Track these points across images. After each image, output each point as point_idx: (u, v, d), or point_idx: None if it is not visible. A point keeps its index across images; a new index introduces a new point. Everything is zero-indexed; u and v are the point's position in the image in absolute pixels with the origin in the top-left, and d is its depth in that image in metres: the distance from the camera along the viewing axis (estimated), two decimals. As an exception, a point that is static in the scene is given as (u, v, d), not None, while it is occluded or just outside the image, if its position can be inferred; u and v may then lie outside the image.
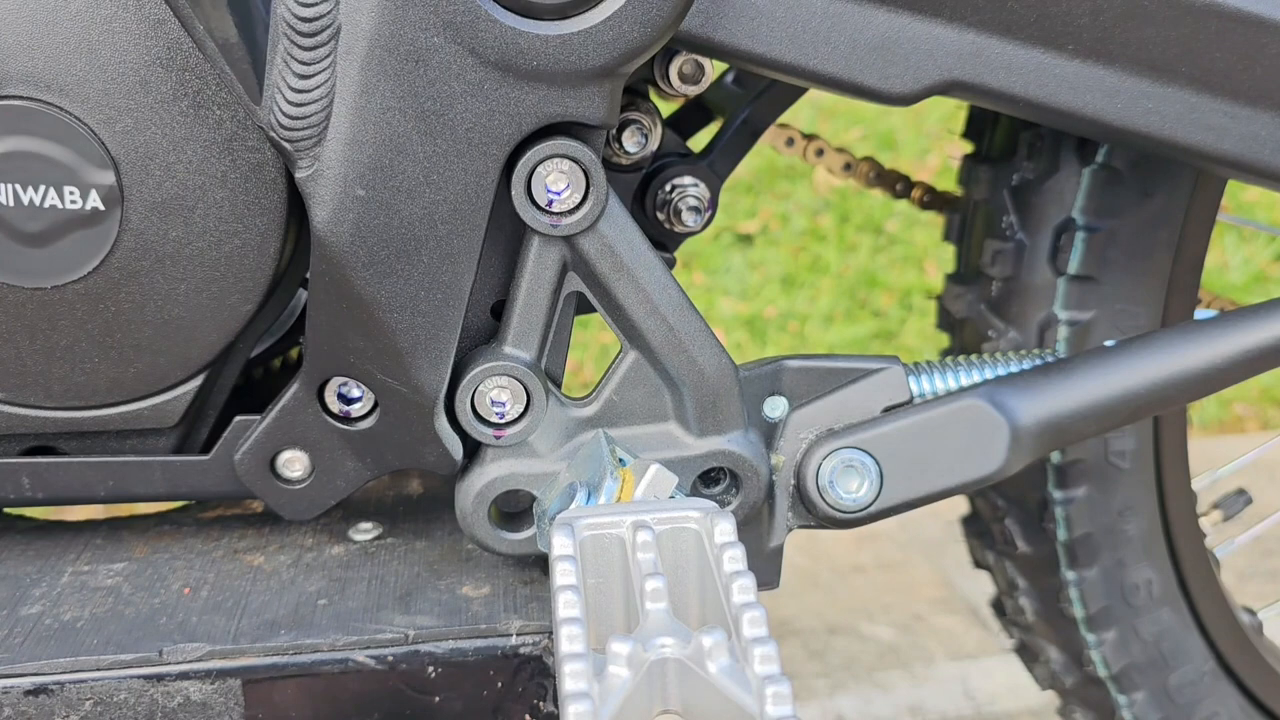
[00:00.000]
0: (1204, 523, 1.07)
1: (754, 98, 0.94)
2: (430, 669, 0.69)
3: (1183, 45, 0.73)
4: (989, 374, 0.81)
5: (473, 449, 0.73)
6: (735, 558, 0.55)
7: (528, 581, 0.75)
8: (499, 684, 0.70)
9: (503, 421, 0.71)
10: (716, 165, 0.92)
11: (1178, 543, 1.03)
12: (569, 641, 0.50)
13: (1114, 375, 0.79)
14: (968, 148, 1.03)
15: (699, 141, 0.97)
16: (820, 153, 1.10)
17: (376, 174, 0.64)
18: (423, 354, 0.69)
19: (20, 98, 0.66)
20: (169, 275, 0.70)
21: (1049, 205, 0.93)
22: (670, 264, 0.87)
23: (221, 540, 0.80)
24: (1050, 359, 0.83)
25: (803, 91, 0.91)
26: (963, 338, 1.03)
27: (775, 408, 0.77)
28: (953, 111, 2.90)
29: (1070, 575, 1.01)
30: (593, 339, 2.33)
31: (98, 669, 0.67)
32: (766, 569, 0.78)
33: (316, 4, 0.61)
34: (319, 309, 0.69)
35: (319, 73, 0.62)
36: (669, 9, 0.62)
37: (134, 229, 0.68)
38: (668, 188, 0.87)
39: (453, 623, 0.71)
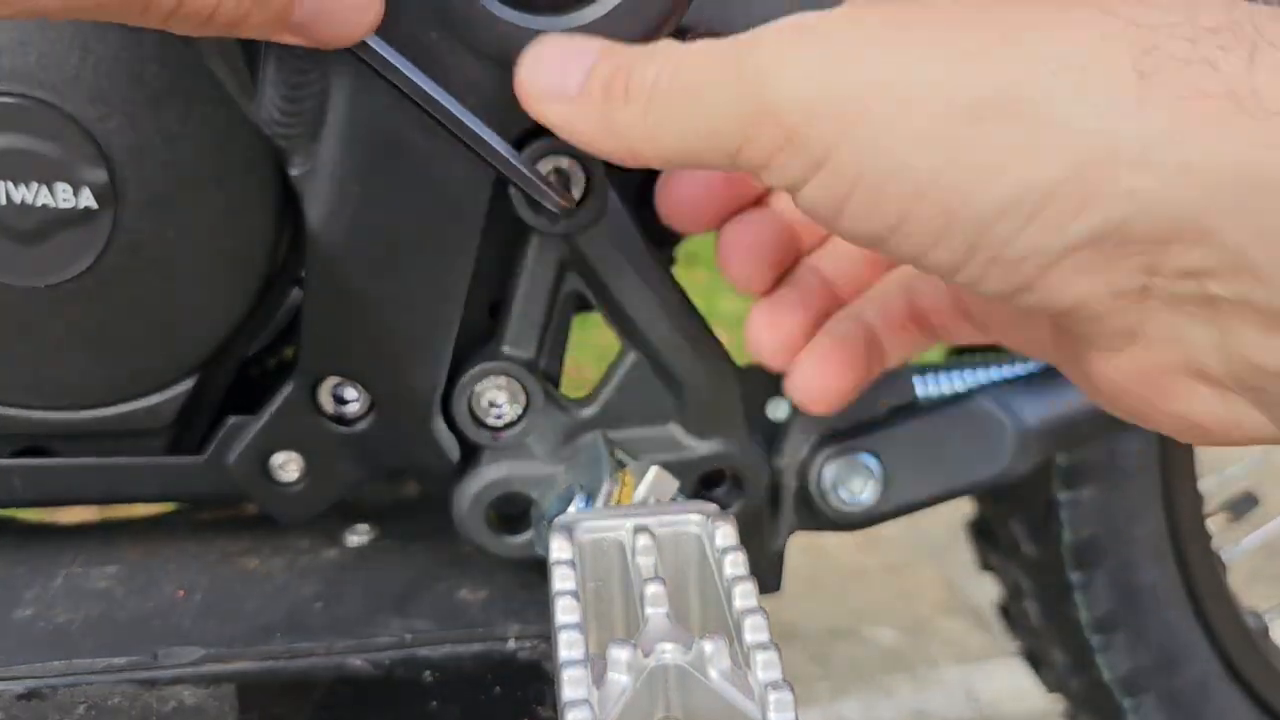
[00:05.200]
0: (1211, 525, 1.06)
1: (756, 95, 0.93)
2: (426, 673, 0.69)
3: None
4: (995, 375, 0.81)
5: (470, 451, 0.72)
6: (737, 561, 0.54)
7: (526, 585, 0.74)
8: (496, 689, 0.69)
9: (500, 423, 0.70)
10: (718, 163, 0.91)
11: (1184, 545, 1.02)
12: (568, 647, 0.50)
13: (1121, 376, 0.78)
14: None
15: (700, 140, 0.96)
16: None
17: (371, 171, 0.63)
18: (419, 354, 0.68)
19: (11, 94, 0.65)
20: (163, 274, 0.69)
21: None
22: (670, 263, 0.86)
23: (215, 543, 0.79)
24: (1056, 359, 0.82)
25: (805, 89, 0.90)
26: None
27: (778, 409, 0.76)
28: (956, 112, 2.89)
29: (1076, 577, 1.00)
30: (593, 339, 2.32)
31: (91, 673, 0.66)
32: (769, 572, 0.78)
33: (311, -2, 0.60)
34: (313, 308, 0.68)
35: (313, 68, 0.61)
36: (667, 4, 0.62)
37: (127, 227, 0.67)
38: (668, 186, 0.87)
39: (449, 627, 0.70)
